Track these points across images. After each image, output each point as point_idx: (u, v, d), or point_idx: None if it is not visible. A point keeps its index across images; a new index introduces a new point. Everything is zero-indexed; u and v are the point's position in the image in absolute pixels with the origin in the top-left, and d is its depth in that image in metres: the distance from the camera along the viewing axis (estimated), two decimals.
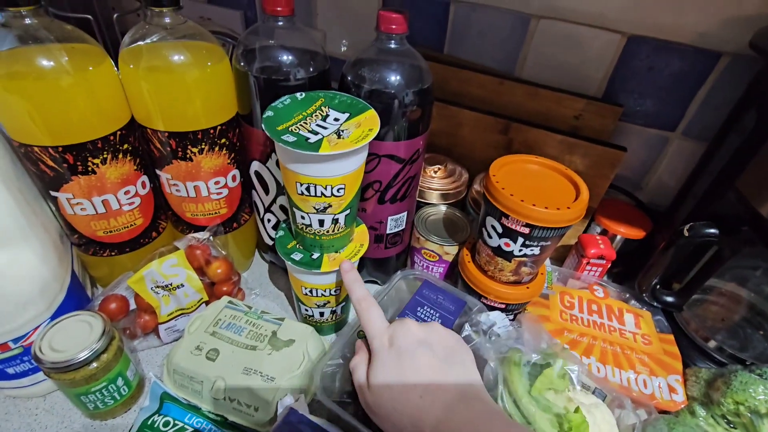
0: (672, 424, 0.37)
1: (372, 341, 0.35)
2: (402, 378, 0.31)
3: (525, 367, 0.37)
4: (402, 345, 0.33)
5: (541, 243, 0.41)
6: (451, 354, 0.33)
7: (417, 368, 0.32)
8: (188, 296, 0.49)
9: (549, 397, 0.34)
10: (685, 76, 0.54)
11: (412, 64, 0.42)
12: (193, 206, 0.49)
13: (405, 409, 0.30)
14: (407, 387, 0.31)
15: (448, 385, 0.31)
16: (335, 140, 0.36)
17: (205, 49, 0.42)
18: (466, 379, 0.32)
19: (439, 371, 0.32)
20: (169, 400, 0.43)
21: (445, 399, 0.30)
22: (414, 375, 0.31)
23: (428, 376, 0.31)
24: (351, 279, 0.40)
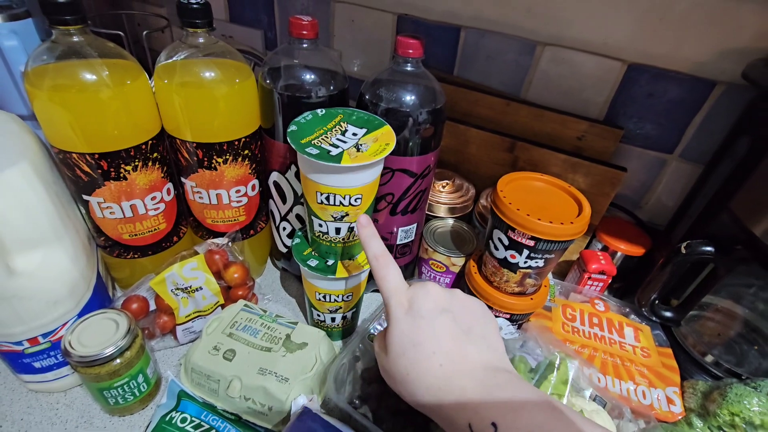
0: (669, 430, 0.39)
1: (389, 301, 0.32)
2: (420, 345, 0.29)
3: (530, 373, 0.39)
4: (421, 309, 0.30)
5: (545, 256, 0.43)
6: (475, 323, 0.31)
7: (437, 336, 0.29)
8: (206, 299, 0.51)
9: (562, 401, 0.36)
10: (683, 102, 0.57)
11: (427, 85, 0.46)
12: (214, 213, 0.52)
13: (423, 378, 0.28)
14: (426, 355, 0.29)
15: (471, 355, 0.29)
16: (355, 153, 0.39)
17: (233, 67, 0.46)
18: (489, 350, 0.30)
19: (461, 341, 0.29)
20: (186, 398, 0.44)
21: (467, 369, 0.28)
22: (433, 343, 0.29)
23: (449, 345, 0.29)
24: (367, 234, 0.36)
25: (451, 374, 0.28)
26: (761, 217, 0.42)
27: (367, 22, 0.71)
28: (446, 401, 0.27)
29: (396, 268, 0.34)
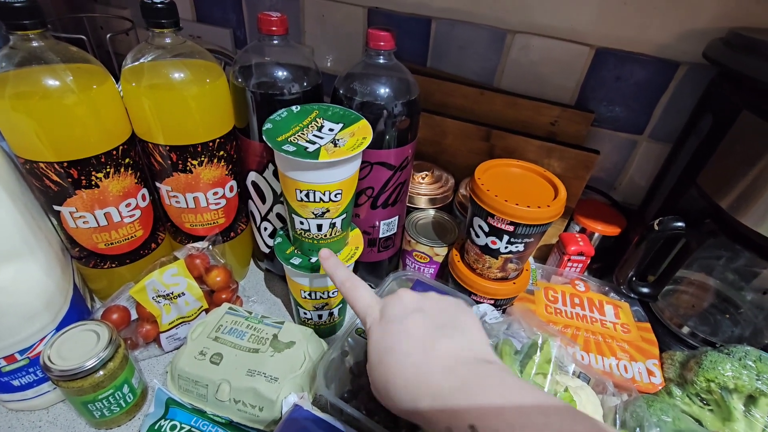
0: (650, 402, 0.40)
1: (365, 319, 0.32)
2: (393, 348, 0.28)
3: (516, 355, 0.39)
4: (392, 314, 0.30)
5: (525, 240, 0.44)
6: (450, 319, 0.30)
7: (409, 335, 0.28)
8: (189, 304, 0.50)
9: (538, 381, 0.37)
10: (649, 84, 0.58)
11: (400, 77, 0.46)
12: (192, 217, 0.51)
13: (400, 382, 0.27)
14: (399, 357, 0.27)
15: (446, 349, 0.27)
16: (332, 149, 0.39)
17: (203, 66, 0.45)
18: (467, 341, 0.28)
19: (434, 336, 0.28)
20: (175, 405, 0.44)
21: (443, 365, 0.26)
22: (405, 343, 0.28)
23: (420, 342, 0.28)
24: (331, 265, 0.37)
25: (426, 372, 0.26)
26: (726, 191, 0.44)
27: (338, 17, 0.71)
28: (423, 405, 0.25)
29: (365, 287, 0.34)
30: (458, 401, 0.24)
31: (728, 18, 0.51)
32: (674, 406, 0.42)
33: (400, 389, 0.27)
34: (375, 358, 0.29)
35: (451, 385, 0.25)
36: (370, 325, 0.31)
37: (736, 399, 0.42)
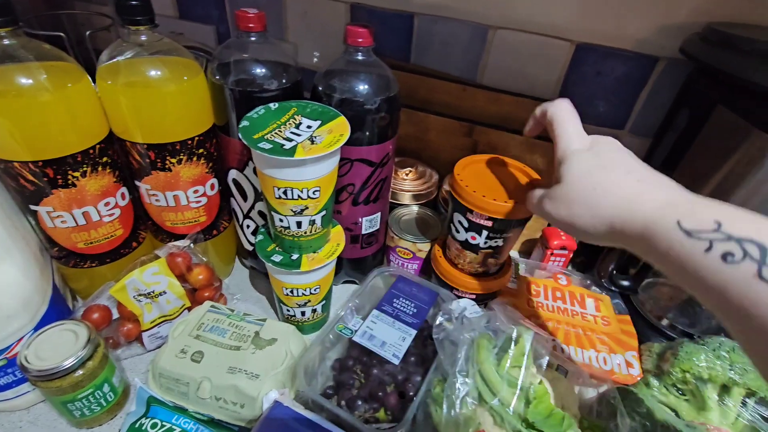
0: (625, 393, 0.41)
1: (570, 143, 0.33)
2: (610, 167, 0.29)
3: (494, 349, 0.40)
4: (608, 145, 0.32)
5: (504, 235, 0.45)
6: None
7: (629, 162, 0.29)
8: (170, 303, 0.50)
9: (516, 374, 0.37)
10: (629, 79, 0.59)
11: (379, 73, 0.46)
12: (172, 215, 0.51)
13: (615, 191, 0.28)
14: (619, 173, 0.28)
15: (669, 181, 0.28)
16: (309, 146, 0.39)
17: (181, 64, 0.45)
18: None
19: (655, 172, 0.29)
20: (156, 404, 0.44)
21: (667, 185, 0.27)
22: (627, 165, 0.29)
23: (644, 169, 0.29)
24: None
25: (649, 187, 0.27)
26: (702, 185, 0.44)
27: (321, 13, 0.71)
28: (642, 209, 0.26)
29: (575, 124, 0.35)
30: (695, 200, 0.25)
31: (705, 13, 0.51)
32: (649, 397, 0.42)
33: (610, 200, 0.28)
34: (581, 172, 0.30)
35: (679, 195, 0.26)
36: (581, 149, 0.32)
37: (710, 389, 0.43)
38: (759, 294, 0.21)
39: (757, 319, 0.21)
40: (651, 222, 0.25)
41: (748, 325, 0.22)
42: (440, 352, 0.42)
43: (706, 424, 0.42)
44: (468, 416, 0.36)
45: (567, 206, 0.31)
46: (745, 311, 0.22)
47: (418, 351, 0.47)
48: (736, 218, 0.23)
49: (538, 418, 0.34)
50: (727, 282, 0.22)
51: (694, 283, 0.24)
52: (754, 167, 0.39)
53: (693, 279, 0.24)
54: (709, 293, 0.23)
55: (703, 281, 0.23)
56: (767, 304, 0.21)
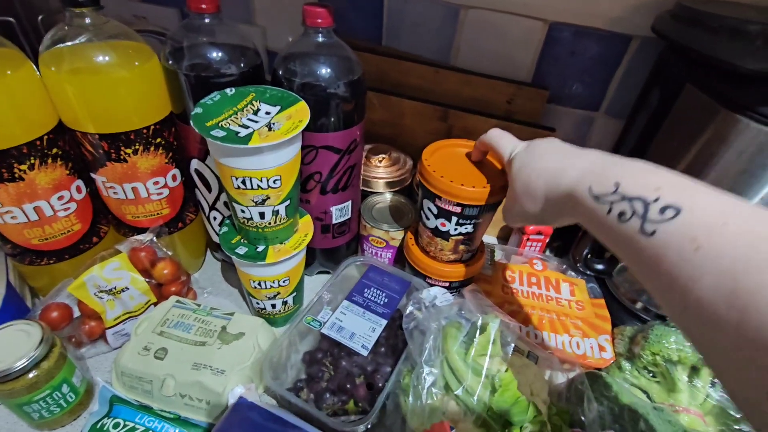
0: (594, 378, 0.41)
1: (511, 152, 0.36)
2: (543, 153, 0.32)
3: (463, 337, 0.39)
4: (540, 141, 0.34)
5: (474, 221, 0.44)
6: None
7: (560, 146, 0.32)
8: (134, 299, 0.49)
9: (482, 362, 0.37)
10: (603, 58, 0.58)
11: (341, 55, 0.44)
12: (133, 208, 0.49)
13: (546, 171, 0.30)
14: (549, 156, 0.31)
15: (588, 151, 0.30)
16: (266, 133, 0.37)
17: (131, 48, 0.42)
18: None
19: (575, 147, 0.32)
20: (119, 403, 0.43)
21: (594, 153, 0.29)
22: (549, 147, 0.32)
23: (565, 146, 0.32)
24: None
25: (573, 159, 0.29)
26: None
27: None
28: (566, 180, 0.28)
29: (509, 136, 0.39)
30: (607, 166, 0.26)
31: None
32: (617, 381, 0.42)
33: (542, 177, 0.30)
34: (519, 165, 0.33)
35: (595, 157, 0.28)
36: (518, 151, 0.35)
37: (680, 370, 0.43)
38: (642, 248, 0.22)
39: (650, 273, 0.22)
40: (572, 191, 0.27)
41: (653, 282, 0.22)
42: (409, 342, 0.41)
43: (675, 405, 0.43)
44: (434, 406, 0.36)
45: (518, 201, 0.34)
46: (638, 267, 0.23)
47: (389, 341, 0.46)
48: (634, 177, 0.24)
49: (502, 406, 0.33)
50: (623, 240, 0.23)
51: (610, 244, 0.26)
52: (723, 147, 0.38)
53: (607, 240, 0.26)
54: (619, 253, 0.25)
55: (612, 242, 0.25)
56: (649, 258, 0.22)
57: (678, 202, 0.21)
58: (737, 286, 0.18)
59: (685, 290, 0.20)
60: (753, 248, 0.18)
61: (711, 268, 0.19)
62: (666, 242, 0.21)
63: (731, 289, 0.18)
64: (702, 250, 0.19)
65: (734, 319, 0.18)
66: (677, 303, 0.21)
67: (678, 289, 0.20)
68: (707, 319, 0.19)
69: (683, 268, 0.20)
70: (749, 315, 0.17)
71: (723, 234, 0.19)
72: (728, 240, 0.19)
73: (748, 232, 0.19)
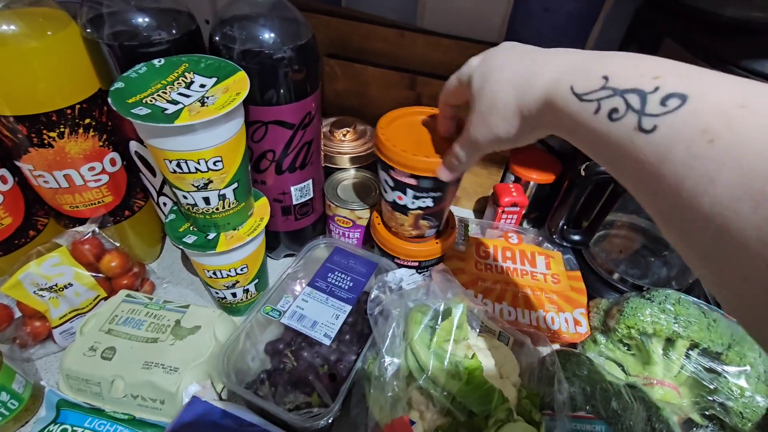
0: (567, 357, 0.39)
1: (468, 70, 0.30)
2: (504, 63, 0.27)
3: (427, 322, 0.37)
4: (495, 49, 0.29)
5: (431, 194, 0.40)
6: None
7: (523, 50, 0.27)
8: (80, 295, 0.45)
9: (448, 347, 0.34)
10: (579, 14, 0.53)
11: (285, 17, 0.39)
12: (69, 197, 0.44)
13: (514, 79, 0.26)
14: (513, 63, 0.26)
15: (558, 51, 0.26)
16: (198, 108, 0.33)
17: (41, 15, 0.37)
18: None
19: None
20: (67, 407, 0.40)
21: (568, 51, 0.24)
22: (520, 52, 0.27)
23: (538, 50, 0.26)
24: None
25: (545, 59, 0.25)
26: None
27: None
28: (540, 83, 0.24)
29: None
30: (590, 61, 0.22)
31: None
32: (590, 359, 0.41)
33: (509, 88, 0.26)
34: (480, 82, 0.28)
35: (574, 54, 0.23)
36: (474, 66, 0.30)
37: (655, 343, 0.42)
38: (640, 151, 0.19)
39: (651, 183, 0.19)
40: (549, 95, 0.23)
41: (654, 196, 0.19)
42: (374, 329, 0.39)
43: (650, 378, 0.42)
44: (397, 396, 0.33)
45: (484, 123, 0.28)
46: (634, 171, 0.19)
47: (356, 327, 0.43)
48: (624, 68, 0.20)
49: (467, 395, 0.31)
50: (616, 145, 0.20)
51: (600, 156, 0.22)
52: None
53: (594, 147, 0.22)
54: (609, 160, 0.21)
55: (602, 152, 0.21)
56: (649, 162, 0.18)
57: (682, 89, 0.18)
58: (765, 179, 0.14)
59: (695, 196, 0.16)
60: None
61: (731, 162, 0.15)
62: (670, 138, 0.17)
63: (760, 186, 0.15)
64: (717, 143, 0.16)
65: (759, 220, 0.15)
66: (686, 216, 0.17)
67: (686, 197, 0.17)
68: (724, 227, 0.16)
69: (694, 168, 0.16)
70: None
71: (742, 119, 0.16)
72: (749, 125, 0.16)
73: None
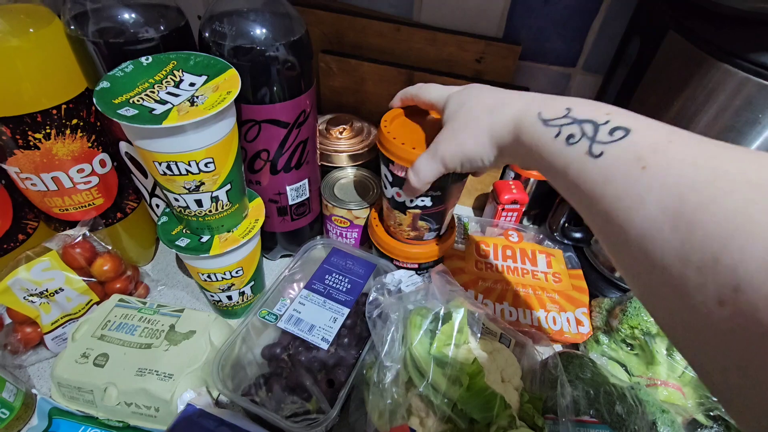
0: (569, 359, 0.38)
1: (442, 100, 0.34)
2: (481, 94, 0.31)
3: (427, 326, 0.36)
4: (475, 85, 0.33)
5: (430, 192, 0.39)
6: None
7: (497, 89, 0.31)
8: (72, 300, 0.44)
9: (449, 352, 0.34)
10: (579, 7, 0.52)
11: (277, 11, 0.38)
12: (58, 200, 0.43)
13: (487, 103, 0.29)
14: (488, 94, 0.30)
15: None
16: (187, 108, 0.32)
17: (23, 12, 0.36)
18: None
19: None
20: (60, 416, 0.39)
21: (531, 93, 0.29)
22: (495, 89, 0.31)
23: (508, 91, 0.31)
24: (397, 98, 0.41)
25: (515, 95, 0.29)
26: None
27: None
28: (510, 109, 0.28)
29: (435, 86, 0.37)
30: (555, 98, 0.26)
31: None
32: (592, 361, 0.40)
33: (483, 112, 0.29)
34: (457, 104, 0.32)
35: (547, 95, 0.27)
36: (452, 93, 0.34)
37: (659, 343, 0.41)
38: (588, 172, 0.21)
39: (593, 200, 0.21)
40: (518, 118, 0.27)
41: (594, 211, 0.22)
42: (372, 332, 0.38)
43: (654, 379, 0.41)
44: (397, 403, 0.33)
45: (453, 138, 0.32)
46: (579, 196, 0.22)
47: (354, 330, 0.42)
48: (584, 105, 0.24)
49: (468, 403, 0.30)
50: (569, 164, 0.23)
51: (551, 174, 0.25)
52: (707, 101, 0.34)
53: (548, 170, 0.25)
54: (560, 182, 0.24)
55: (554, 171, 0.24)
56: (594, 182, 0.21)
57: (627, 124, 0.21)
58: (683, 202, 0.17)
59: (629, 214, 0.19)
60: (697, 166, 0.18)
61: (656, 187, 0.18)
62: (613, 163, 0.21)
63: (676, 208, 0.17)
64: (648, 170, 0.19)
65: (677, 240, 0.17)
66: (618, 232, 0.20)
67: (621, 215, 0.20)
68: (649, 246, 0.18)
69: (629, 190, 0.19)
70: (694, 233, 0.17)
71: (668, 151, 0.19)
72: (674, 157, 0.19)
73: (693, 149, 0.19)
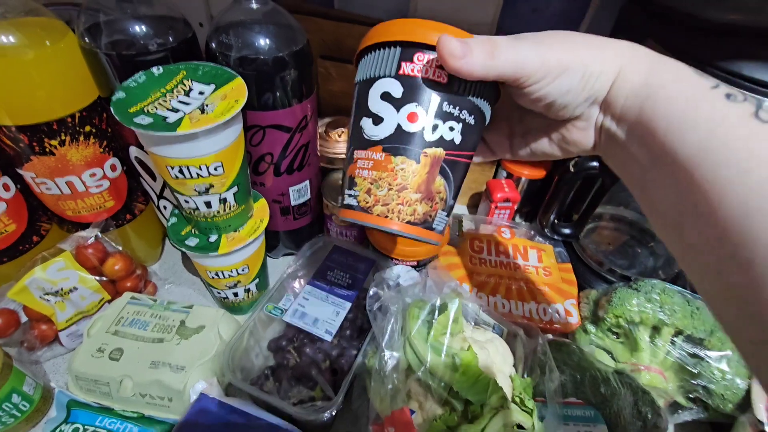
0: (558, 347, 0.41)
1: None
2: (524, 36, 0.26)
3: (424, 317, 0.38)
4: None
5: (464, 113, 0.40)
6: None
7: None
8: (86, 298, 0.46)
9: (444, 341, 0.36)
10: (566, 14, 0.55)
11: (280, 23, 0.40)
12: (72, 204, 0.45)
13: (578, 37, 0.25)
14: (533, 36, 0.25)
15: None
16: (198, 116, 0.34)
17: (39, 25, 0.37)
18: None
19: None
20: (78, 407, 0.41)
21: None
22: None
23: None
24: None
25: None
26: None
27: None
28: (618, 51, 0.24)
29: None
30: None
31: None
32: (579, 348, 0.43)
33: (569, 37, 0.25)
34: (527, 35, 0.26)
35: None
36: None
37: (642, 331, 0.44)
38: (750, 137, 0.19)
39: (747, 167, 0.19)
40: (655, 60, 0.23)
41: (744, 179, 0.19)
42: (373, 324, 0.40)
43: (638, 364, 0.44)
44: (397, 388, 0.35)
45: (514, 47, 0.24)
46: (728, 156, 0.19)
47: (356, 322, 0.45)
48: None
49: (463, 386, 0.33)
50: (723, 119, 0.20)
51: (676, 133, 0.21)
52: None
53: (681, 125, 0.21)
54: (684, 143, 0.21)
55: (694, 124, 0.21)
56: (760, 147, 0.19)
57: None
58: None
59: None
60: None
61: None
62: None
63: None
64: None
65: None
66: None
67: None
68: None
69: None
70: None
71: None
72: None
73: None
